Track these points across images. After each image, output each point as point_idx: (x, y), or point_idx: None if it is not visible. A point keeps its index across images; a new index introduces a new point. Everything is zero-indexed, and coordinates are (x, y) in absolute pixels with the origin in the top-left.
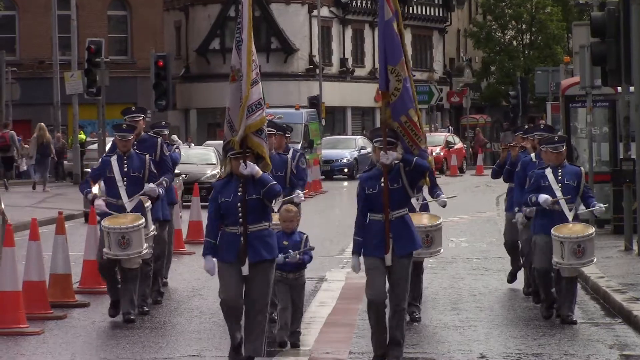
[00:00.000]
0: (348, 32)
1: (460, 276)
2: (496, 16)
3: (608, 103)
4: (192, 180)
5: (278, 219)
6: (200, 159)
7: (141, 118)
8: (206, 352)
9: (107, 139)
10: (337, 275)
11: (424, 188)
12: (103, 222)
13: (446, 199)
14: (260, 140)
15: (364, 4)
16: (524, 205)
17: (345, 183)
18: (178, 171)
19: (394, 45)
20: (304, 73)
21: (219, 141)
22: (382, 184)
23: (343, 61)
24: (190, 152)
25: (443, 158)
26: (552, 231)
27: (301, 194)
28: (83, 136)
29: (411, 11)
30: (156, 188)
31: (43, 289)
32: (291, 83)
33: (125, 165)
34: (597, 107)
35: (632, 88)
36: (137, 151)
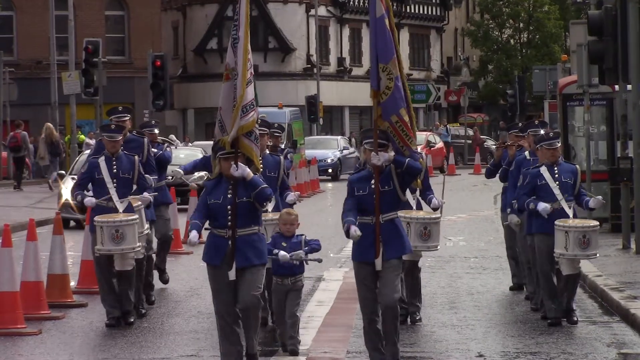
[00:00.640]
0: (345, 32)
1: (458, 275)
2: (494, 15)
3: (605, 101)
4: (178, 182)
5: (272, 217)
6: (187, 160)
7: (127, 118)
8: (204, 352)
9: None
10: (335, 274)
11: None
12: (95, 218)
13: (438, 204)
14: (250, 143)
15: (361, 3)
16: (519, 209)
17: (329, 184)
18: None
19: (386, 42)
20: (302, 72)
21: (207, 142)
22: (373, 186)
23: (340, 60)
24: (176, 153)
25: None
26: (556, 222)
27: (295, 195)
28: (83, 137)
29: (409, 10)
30: (149, 197)
31: (41, 290)
32: (289, 82)
33: (114, 166)
34: (595, 106)
35: (630, 86)
36: (126, 152)
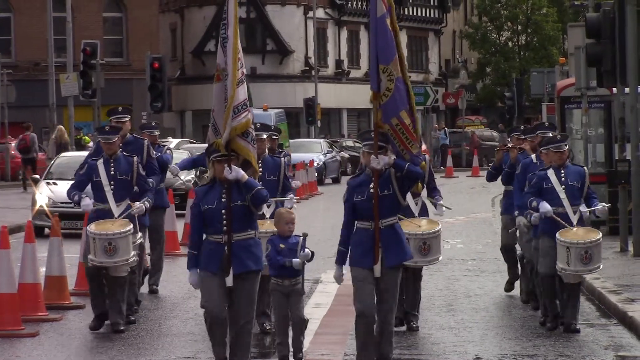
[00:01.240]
0: (344, 34)
1: (455, 277)
2: (492, 17)
3: (603, 104)
4: (166, 185)
5: (268, 226)
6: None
7: (127, 119)
8: (201, 355)
9: None
10: (333, 277)
11: (423, 191)
12: (89, 227)
13: (444, 209)
14: (246, 143)
15: (359, 6)
16: (525, 208)
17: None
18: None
19: (387, 42)
20: (300, 74)
21: (196, 145)
22: (372, 190)
23: (339, 62)
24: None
25: None
26: (557, 235)
27: (294, 198)
28: (87, 138)
29: (407, 12)
30: (143, 207)
31: (38, 291)
32: (287, 84)
33: (112, 168)
34: (593, 108)
35: (628, 89)
36: (125, 153)
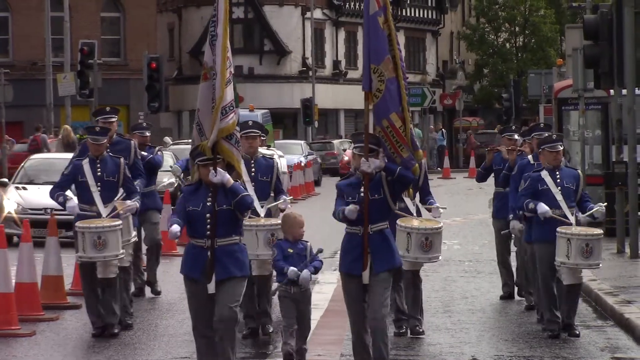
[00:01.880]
0: (341, 34)
1: (452, 278)
2: (489, 19)
3: (600, 106)
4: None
5: (264, 222)
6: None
7: (115, 119)
8: None
9: None
10: (330, 277)
11: (417, 194)
12: (77, 224)
13: (440, 210)
14: (230, 147)
15: (357, 6)
16: (519, 209)
17: None
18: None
19: (378, 42)
20: (297, 75)
21: (179, 146)
22: (362, 194)
23: (336, 63)
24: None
25: None
26: (559, 229)
27: (288, 200)
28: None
29: (404, 13)
30: (136, 205)
31: (35, 291)
32: (284, 85)
33: (98, 169)
34: (590, 110)
35: (625, 91)
36: (111, 154)
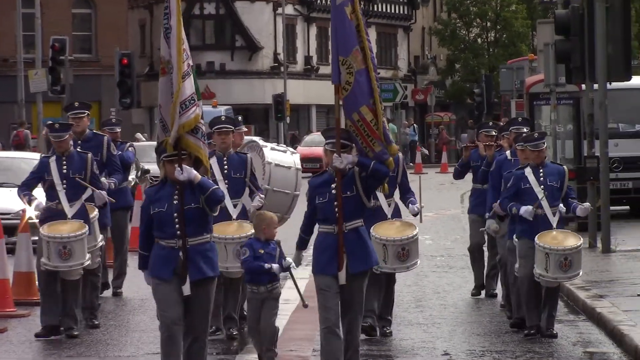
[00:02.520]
0: (313, 30)
1: (424, 273)
2: (461, 14)
3: (572, 100)
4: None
5: (233, 234)
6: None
7: (85, 115)
8: None
9: None
10: (302, 273)
11: (396, 192)
12: (42, 230)
13: (417, 210)
14: (197, 140)
15: (328, 2)
16: (503, 211)
17: None
18: (147, 168)
19: (346, 32)
20: (269, 71)
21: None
22: (334, 191)
23: (308, 59)
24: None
25: None
26: (536, 239)
27: (261, 197)
28: None
29: (376, 9)
30: (105, 195)
31: (6, 287)
32: (256, 81)
33: (64, 166)
34: (561, 105)
35: (596, 86)
36: (79, 150)
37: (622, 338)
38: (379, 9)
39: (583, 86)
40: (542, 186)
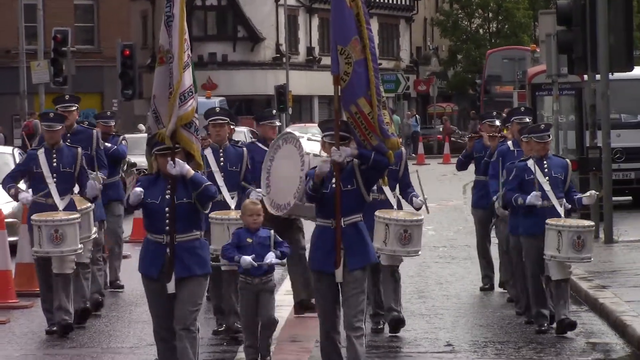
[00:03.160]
0: (315, 21)
1: (426, 264)
2: (463, 4)
3: (574, 91)
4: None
5: (237, 215)
6: None
7: (75, 108)
8: None
9: None
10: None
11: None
12: (32, 216)
13: (421, 202)
14: (190, 135)
15: None
16: (507, 204)
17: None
18: (134, 161)
19: (344, 21)
20: (271, 62)
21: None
22: (333, 185)
23: (310, 50)
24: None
25: None
26: (548, 220)
27: (260, 192)
28: None
29: (378, 0)
30: (97, 186)
31: (9, 278)
32: (258, 72)
33: (54, 159)
34: (564, 95)
35: (598, 76)
36: (69, 143)
37: (625, 329)
38: (381, 0)
39: (585, 77)
40: (547, 177)
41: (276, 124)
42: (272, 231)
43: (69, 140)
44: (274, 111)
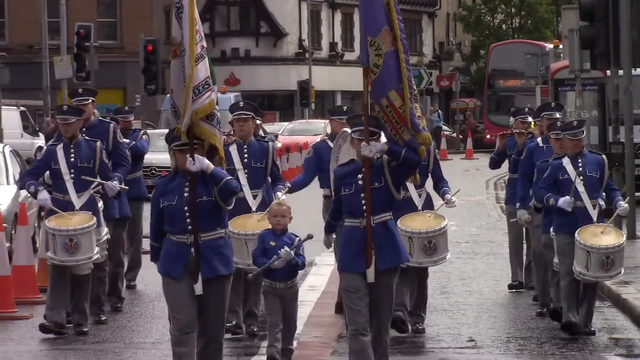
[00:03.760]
0: (337, 16)
1: (449, 260)
2: (485, 0)
3: (597, 86)
4: None
5: (255, 228)
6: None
7: (90, 101)
8: None
9: None
10: (327, 259)
11: (429, 181)
12: (47, 223)
13: (454, 198)
14: (211, 127)
15: None
16: (538, 202)
17: None
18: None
19: (374, 11)
20: (294, 57)
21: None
22: (361, 182)
23: (332, 45)
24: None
25: None
26: (577, 236)
27: (284, 190)
28: None
29: None
30: (117, 185)
31: (32, 274)
32: (281, 67)
33: (72, 154)
34: (586, 91)
35: (621, 71)
36: (87, 138)
37: None
38: None
39: (608, 72)
40: (581, 177)
41: (345, 121)
42: (298, 239)
43: (85, 134)
44: (345, 107)
